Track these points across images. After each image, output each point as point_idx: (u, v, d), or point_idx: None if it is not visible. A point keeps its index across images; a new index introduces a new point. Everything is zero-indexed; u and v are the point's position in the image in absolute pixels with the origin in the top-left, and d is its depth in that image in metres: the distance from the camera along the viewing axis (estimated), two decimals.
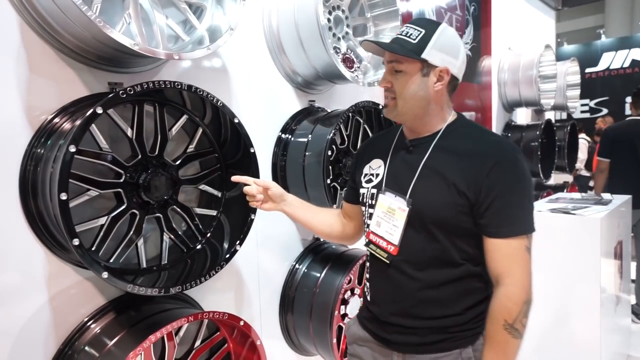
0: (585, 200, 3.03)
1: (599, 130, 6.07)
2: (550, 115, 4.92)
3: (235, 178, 1.37)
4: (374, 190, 1.23)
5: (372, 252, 1.23)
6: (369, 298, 1.27)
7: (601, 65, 8.73)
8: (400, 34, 1.16)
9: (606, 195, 3.20)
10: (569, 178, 4.92)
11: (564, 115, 5.80)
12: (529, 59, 3.81)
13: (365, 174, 1.29)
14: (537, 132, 3.83)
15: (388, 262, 1.18)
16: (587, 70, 8.63)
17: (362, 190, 1.29)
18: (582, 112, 8.67)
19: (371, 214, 1.23)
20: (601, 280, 2.36)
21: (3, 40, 1.19)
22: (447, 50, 1.13)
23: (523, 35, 4.38)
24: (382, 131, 1.43)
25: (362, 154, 1.36)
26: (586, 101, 8.68)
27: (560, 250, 2.45)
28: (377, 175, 1.25)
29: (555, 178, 4.70)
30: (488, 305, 1.12)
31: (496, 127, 3.90)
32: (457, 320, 1.14)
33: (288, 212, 1.43)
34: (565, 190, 4.32)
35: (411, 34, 1.13)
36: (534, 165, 3.83)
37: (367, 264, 1.30)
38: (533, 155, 3.82)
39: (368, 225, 1.26)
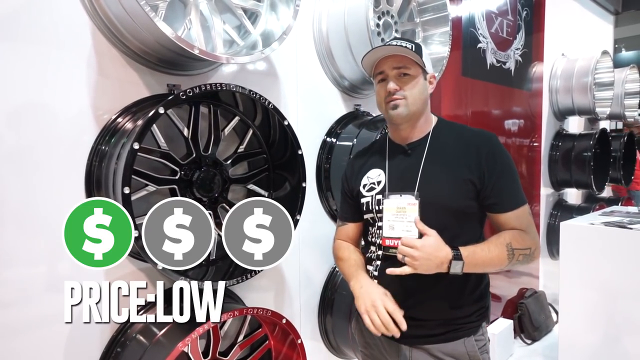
0: None
1: None
2: (605, 124, 4.68)
3: None
4: (379, 197, 1.27)
5: (392, 254, 1.21)
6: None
7: None
8: (397, 46, 1.24)
9: None
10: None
11: (620, 125, 5.50)
12: (584, 66, 3.64)
13: (365, 185, 1.33)
14: (591, 142, 3.65)
15: None
16: None
17: (364, 200, 1.31)
18: None
19: (380, 218, 1.24)
20: None
21: (77, 44, 1.28)
22: (429, 62, 1.32)
23: (578, 40, 4.20)
24: (364, 147, 1.49)
25: (353, 169, 1.40)
26: None
27: (615, 266, 2.32)
28: (379, 182, 1.30)
29: (609, 190, 4.46)
30: (489, 298, 1.31)
31: (546, 135, 3.75)
32: (464, 312, 1.24)
33: None
34: (620, 204, 4.09)
35: (406, 46, 1.23)
36: (586, 176, 3.64)
37: (373, 265, 1.29)
38: (585, 166, 3.64)
39: (379, 229, 1.26)
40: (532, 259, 1.21)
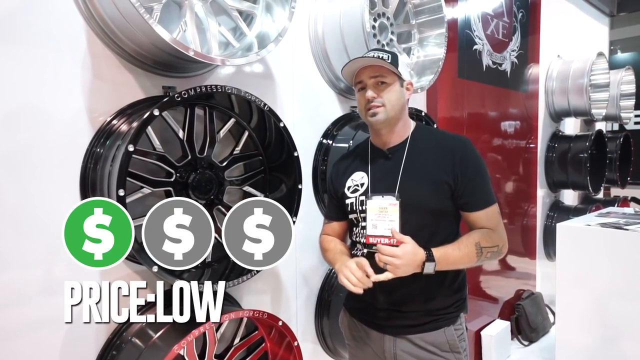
0: (639, 215, 2.87)
1: None
2: (601, 126, 4.69)
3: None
4: (362, 198, 1.37)
5: (376, 251, 1.29)
6: (361, 290, 1.35)
7: None
8: (373, 57, 1.33)
9: None
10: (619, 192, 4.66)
11: (616, 127, 5.52)
12: (579, 67, 3.66)
13: (349, 187, 1.43)
14: (587, 143, 3.66)
15: None
16: None
17: (349, 201, 1.41)
18: (636, 123, 8.19)
19: (364, 218, 1.33)
20: None
21: (72, 46, 1.28)
22: (407, 69, 1.40)
23: (574, 42, 4.22)
24: (348, 150, 1.58)
25: (337, 171, 1.51)
26: None
27: (612, 267, 2.33)
28: (362, 184, 1.40)
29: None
30: (466, 290, 1.42)
31: (542, 136, 3.76)
32: (443, 304, 1.35)
33: None
34: (616, 205, 4.10)
35: (383, 56, 1.32)
36: (583, 177, 3.65)
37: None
38: (582, 167, 3.65)
39: (363, 229, 1.36)
40: (500, 255, 1.33)
